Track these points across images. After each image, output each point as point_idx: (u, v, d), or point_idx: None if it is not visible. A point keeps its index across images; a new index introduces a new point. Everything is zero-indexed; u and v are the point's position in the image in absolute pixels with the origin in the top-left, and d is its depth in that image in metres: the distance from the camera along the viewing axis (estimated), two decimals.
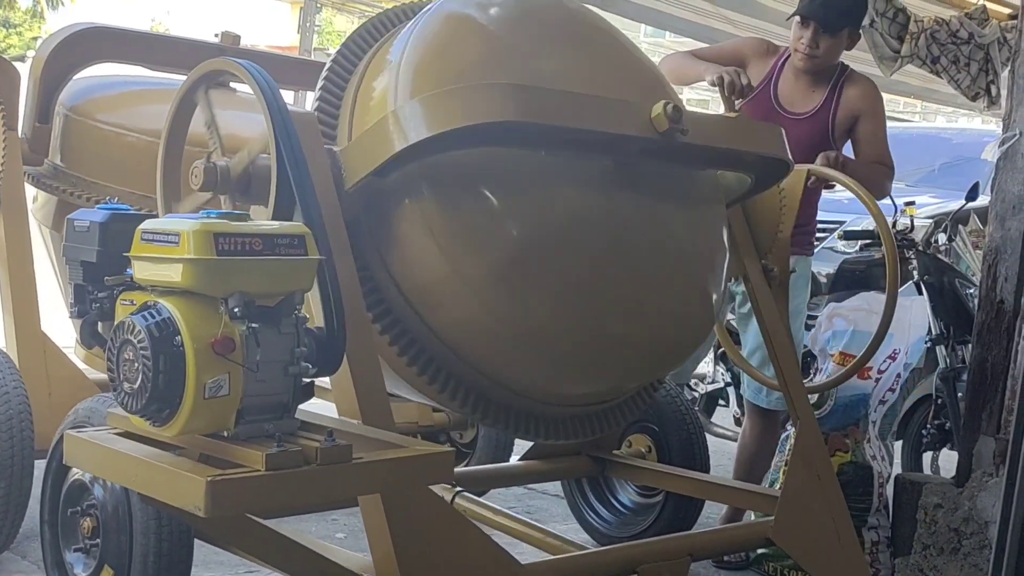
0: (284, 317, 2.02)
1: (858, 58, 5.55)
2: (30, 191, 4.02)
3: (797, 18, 3.96)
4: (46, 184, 4.00)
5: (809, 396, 3.90)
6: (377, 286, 2.69)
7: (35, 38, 24.37)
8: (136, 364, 1.93)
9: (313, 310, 2.22)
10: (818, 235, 5.43)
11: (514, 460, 4.25)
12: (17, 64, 3.99)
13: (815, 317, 4.79)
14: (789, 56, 4.04)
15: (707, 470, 4.07)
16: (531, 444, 3.93)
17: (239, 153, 2.57)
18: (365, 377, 2.37)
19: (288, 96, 5.76)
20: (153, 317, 1.93)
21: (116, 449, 2.10)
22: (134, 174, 3.80)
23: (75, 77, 4.01)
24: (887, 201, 4.56)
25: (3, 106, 3.80)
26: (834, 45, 3.99)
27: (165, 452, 2.07)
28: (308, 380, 2.07)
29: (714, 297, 3.09)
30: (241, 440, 1.98)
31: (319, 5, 14.53)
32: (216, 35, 4.23)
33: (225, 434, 2.00)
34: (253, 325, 1.95)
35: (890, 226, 4.47)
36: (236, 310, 1.94)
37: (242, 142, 2.60)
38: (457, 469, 3.90)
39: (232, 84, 4.24)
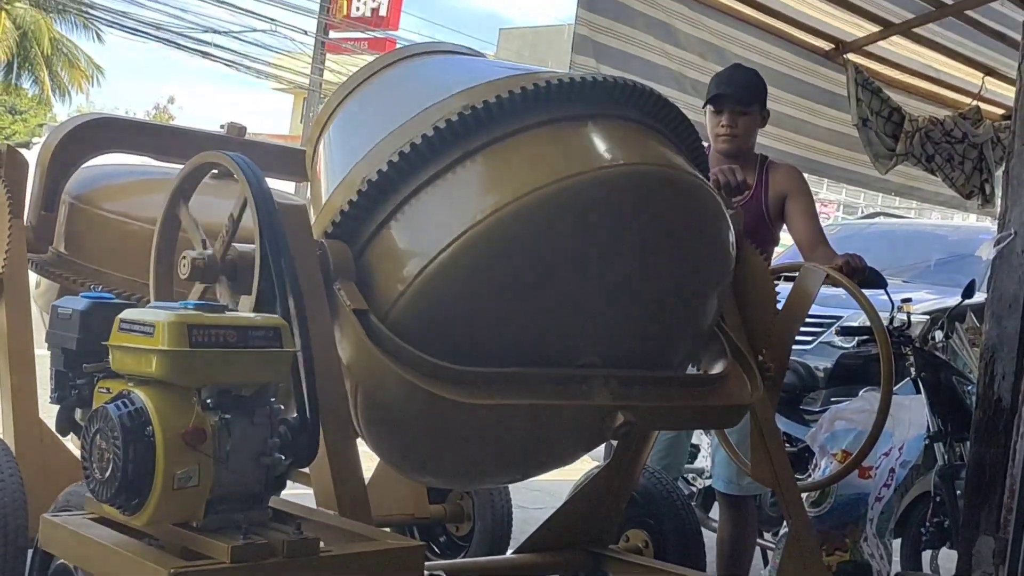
0: (258, 408, 2.01)
1: (854, 158, 5.56)
2: (33, 277, 3.98)
3: (710, 107, 4.16)
4: (49, 271, 3.98)
5: (808, 494, 3.83)
6: None
7: (41, 125, 24.77)
8: (108, 453, 1.92)
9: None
10: (815, 330, 5.40)
11: (510, 554, 4.13)
12: (22, 150, 3.99)
13: (813, 412, 4.71)
14: (710, 149, 4.15)
15: (703, 566, 3.95)
16: (527, 537, 3.85)
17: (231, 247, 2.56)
18: (343, 468, 2.34)
19: (290, 187, 5.79)
20: (126, 407, 1.93)
21: (85, 535, 2.06)
22: (137, 262, 3.76)
23: (82, 166, 4.00)
24: (883, 297, 4.52)
25: (10, 194, 3.81)
26: (750, 121, 4.19)
27: (135, 540, 2.04)
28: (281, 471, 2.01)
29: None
30: (210, 531, 1.94)
31: (322, 95, 14.80)
32: (222, 126, 4.24)
33: (195, 524, 1.97)
34: (226, 416, 1.94)
35: (886, 322, 4.44)
36: (209, 401, 1.93)
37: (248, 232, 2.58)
38: (451, 561, 3.81)
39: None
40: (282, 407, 2.07)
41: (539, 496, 4.97)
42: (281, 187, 4.36)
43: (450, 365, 2.58)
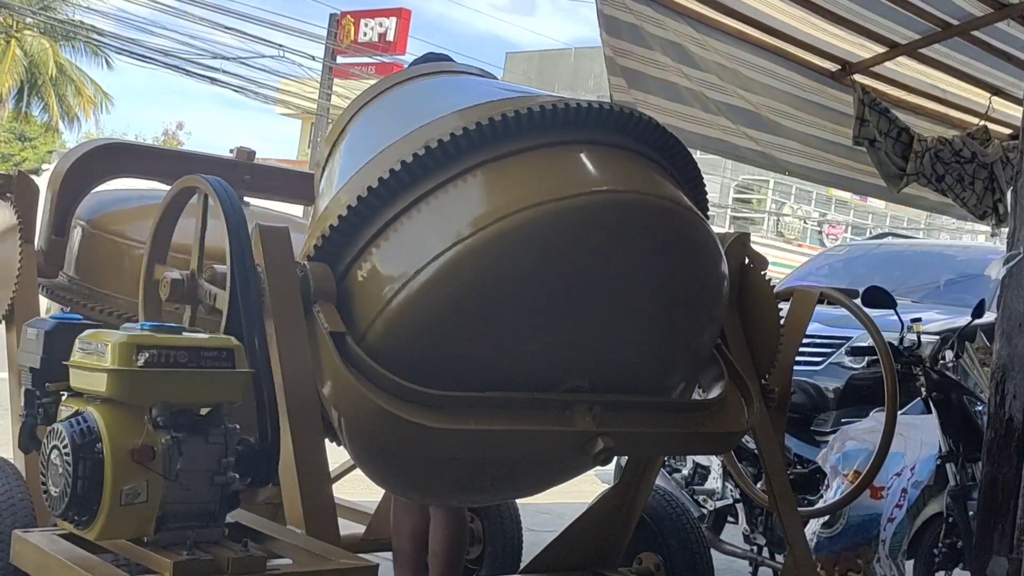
0: (212, 427, 1.98)
1: (866, 171, 5.42)
2: (44, 302, 3.92)
3: None
4: (60, 296, 3.94)
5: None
6: None
7: (50, 151, 24.95)
8: (60, 469, 1.91)
9: None
10: (825, 350, 5.23)
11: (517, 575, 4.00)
12: (32, 176, 3.95)
13: (824, 433, 4.55)
14: None
15: None
16: (534, 557, 3.72)
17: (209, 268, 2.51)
18: (312, 488, 2.27)
19: (298, 211, 5.72)
20: (78, 424, 1.91)
21: (45, 550, 2.04)
22: None
23: (92, 191, 3.94)
24: (893, 317, 4.37)
25: (21, 219, 3.77)
26: None
27: (92, 556, 2.01)
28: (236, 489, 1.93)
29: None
30: (160, 547, 1.91)
31: (329, 120, 14.83)
32: (231, 151, 4.17)
33: (146, 540, 1.93)
34: (177, 435, 1.90)
35: (896, 343, 4.30)
36: (159, 420, 1.90)
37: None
38: None
39: (246, 199, 4.21)
40: (237, 427, 1.98)
41: (549, 519, 4.84)
42: (290, 211, 4.30)
43: (423, 389, 2.50)
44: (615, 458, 4.74)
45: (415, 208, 2.59)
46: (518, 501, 4.30)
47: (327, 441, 3.44)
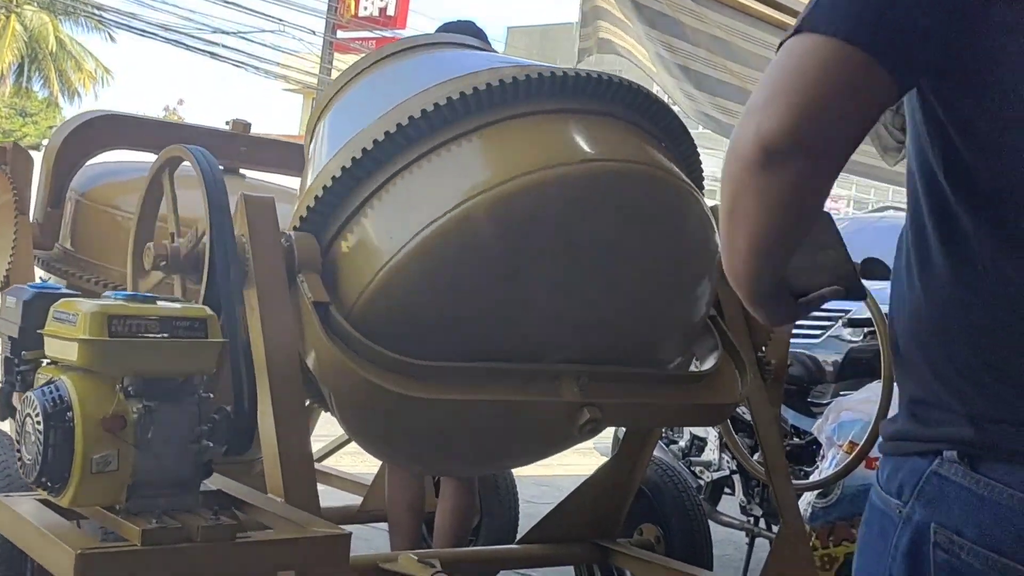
0: (186, 396, 1.97)
1: (861, 151, 5.34)
2: (40, 274, 3.91)
3: None
4: (55, 268, 3.92)
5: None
6: None
7: (51, 127, 24.85)
8: (33, 437, 1.90)
9: None
10: (823, 323, 5.19)
11: (515, 544, 3.98)
12: (33, 152, 3.93)
13: (821, 405, 4.51)
14: None
15: (709, 562, 3.79)
16: (532, 526, 3.71)
17: (188, 234, 2.47)
18: (292, 456, 2.25)
19: (295, 183, 5.68)
20: (50, 393, 1.90)
21: (19, 513, 2.05)
22: None
23: (87, 163, 3.92)
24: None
25: (16, 191, 3.74)
26: None
27: (66, 522, 2.02)
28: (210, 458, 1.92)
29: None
30: (132, 514, 1.91)
31: None
32: (227, 122, 4.13)
33: (117, 507, 1.93)
34: (149, 404, 1.90)
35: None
36: (131, 389, 1.90)
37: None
38: (456, 550, 3.67)
39: (241, 171, 4.18)
40: (212, 395, 1.97)
41: (548, 491, 4.83)
42: (288, 183, 4.27)
43: (408, 359, 2.47)
44: (613, 431, 4.75)
45: (400, 178, 2.56)
46: (516, 474, 4.29)
47: (324, 413, 3.44)
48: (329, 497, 4.66)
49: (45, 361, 2.09)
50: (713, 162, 5.77)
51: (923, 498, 1.15)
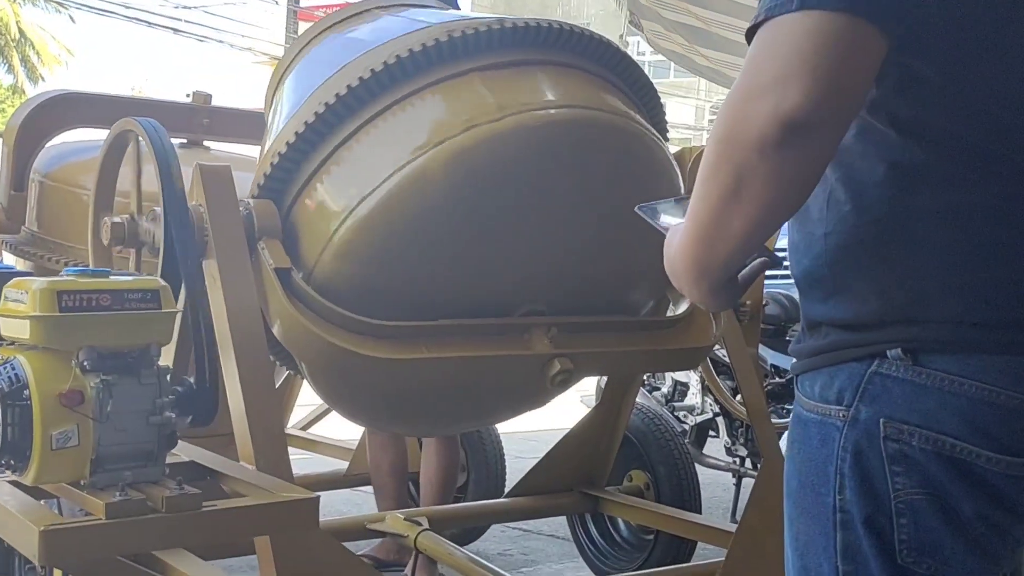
0: (144, 368, 1.94)
1: None
2: (9, 259, 3.86)
3: None
4: (24, 251, 3.88)
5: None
6: None
7: None
8: None
9: None
10: None
11: (503, 498, 3.99)
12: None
13: None
14: None
15: (699, 507, 3.80)
16: (519, 481, 3.71)
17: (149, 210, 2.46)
18: (261, 424, 2.26)
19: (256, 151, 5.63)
20: (5, 372, 1.88)
21: None
22: None
23: (48, 144, 3.86)
24: None
25: None
26: None
27: (35, 501, 2.00)
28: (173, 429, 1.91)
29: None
30: (97, 489, 1.90)
31: None
32: (188, 95, 4.07)
33: (82, 483, 1.92)
34: (107, 378, 1.88)
35: None
36: (86, 363, 1.88)
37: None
38: (445, 507, 3.68)
39: (206, 143, 4.13)
40: (170, 367, 1.96)
41: (535, 446, 4.83)
42: (253, 153, 4.22)
43: (372, 320, 2.45)
44: (596, 382, 4.74)
45: (354, 138, 2.53)
46: (501, 429, 4.29)
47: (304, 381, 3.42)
48: (316, 463, 4.67)
49: (2, 343, 2.07)
50: (687, 110, 5.70)
51: (867, 397, 1.22)
